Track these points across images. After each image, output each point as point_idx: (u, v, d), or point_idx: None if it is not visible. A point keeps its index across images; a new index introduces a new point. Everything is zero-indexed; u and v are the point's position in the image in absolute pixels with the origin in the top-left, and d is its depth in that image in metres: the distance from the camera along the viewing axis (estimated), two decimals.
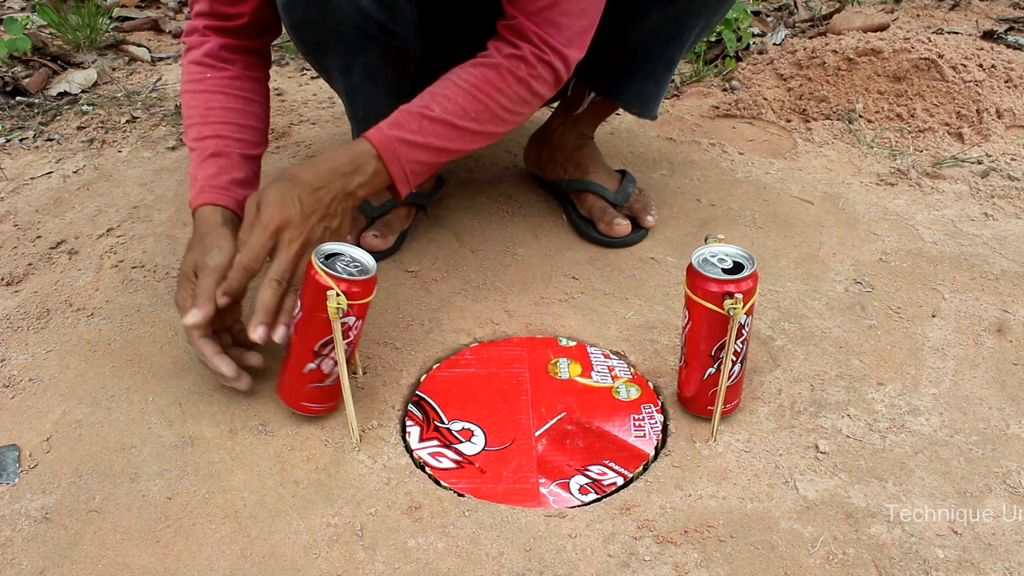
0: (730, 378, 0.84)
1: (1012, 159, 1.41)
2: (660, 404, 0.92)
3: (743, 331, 0.82)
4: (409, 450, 0.86)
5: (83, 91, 1.75)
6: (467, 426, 0.89)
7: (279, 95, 1.74)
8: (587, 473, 0.83)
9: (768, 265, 1.14)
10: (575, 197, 1.24)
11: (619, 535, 0.76)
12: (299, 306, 0.83)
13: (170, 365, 0.96)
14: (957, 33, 1.88)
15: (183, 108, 1.02)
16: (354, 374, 0.93)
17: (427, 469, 0.83)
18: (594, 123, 1.28)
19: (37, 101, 1.68)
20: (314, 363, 0.83)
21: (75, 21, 1.93)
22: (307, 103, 1.71)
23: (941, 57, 1.55)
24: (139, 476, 0.82)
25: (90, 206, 1.31)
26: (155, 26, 2.15)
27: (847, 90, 1.59)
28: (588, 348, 1.00)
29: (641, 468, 0.84)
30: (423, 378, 0.95)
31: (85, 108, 1.67)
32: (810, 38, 1.81)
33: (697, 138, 1.52)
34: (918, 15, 2.13)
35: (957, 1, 2.19)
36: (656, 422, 0.89)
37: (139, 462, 0.84)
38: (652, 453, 0.85)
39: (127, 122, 1.61)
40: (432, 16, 1.03)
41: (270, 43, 1.07)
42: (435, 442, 0.86)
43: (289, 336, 0.85)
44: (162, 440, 0.87)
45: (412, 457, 0.85)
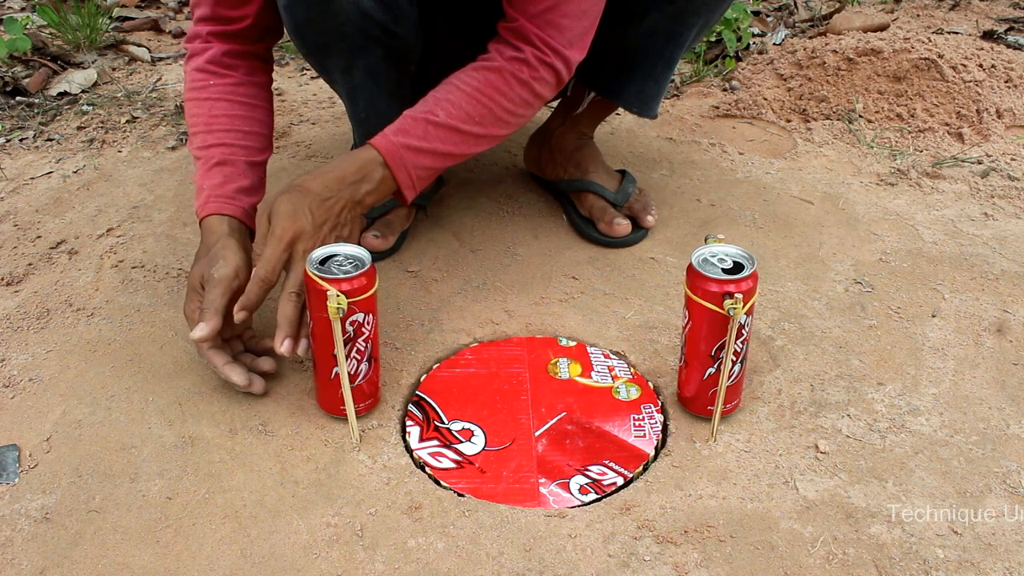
0: (730, 378, 0.84)
1: (1012, 159, 1.41)
2: (660, 404, 0.92)
3: (743, 331, 0.82)
4: (409, 450, 0.86)
5: (83, 91, 1.75)
6: (467, 426, 0.89)
7: (279, 95, 1.74)
8: (587, 473, 0.83)
9: (768, 265, 1.14)
10: (575, 197, 1.24)
11: (619, 535, 0.76)
12: (309, 316, 0.84)
13: (170, 365, 0.96)
14: (957, 33, 1.88)
15: (187, 116, 1.02)
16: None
17: (427, 469, 0.83)
18: (594, 123, 1.28)
19: (37, 101, 1.68)
20: (337, 367, 0.84)
21: (75, 21, 1.93)
22: (307, 103, 1.71)
23: (941, 57, 1.55)
24: (139, 476, 0.82)
25: (90, 206, 1.31)
26: (155, 26, 2.15)
27: (847, 90, 1.59)
28: (588, 348, 1.00)
29: (641, 468, 0.84)
30: (423, 378, 0.95)
31: (85, 108, 1.67)
32: (810, 38, 1.81)
33: (697, 138, 1.52)
34: (918, 15, 2.13)
35: (957, 1, 2.19)
36: (656, 422, 0.89)
37: (139, 462, 0.84)
38: (652, 453, 0.85)
39: (127, 122, 1.61)
40: (433, 17, 1.03)
41: (272, 46, 1.07)
42: (435, 442, 0.86)
43: (310, 347, 0.86)
44: (162, 440, 0.87)
45: (412, 457, 0.85)
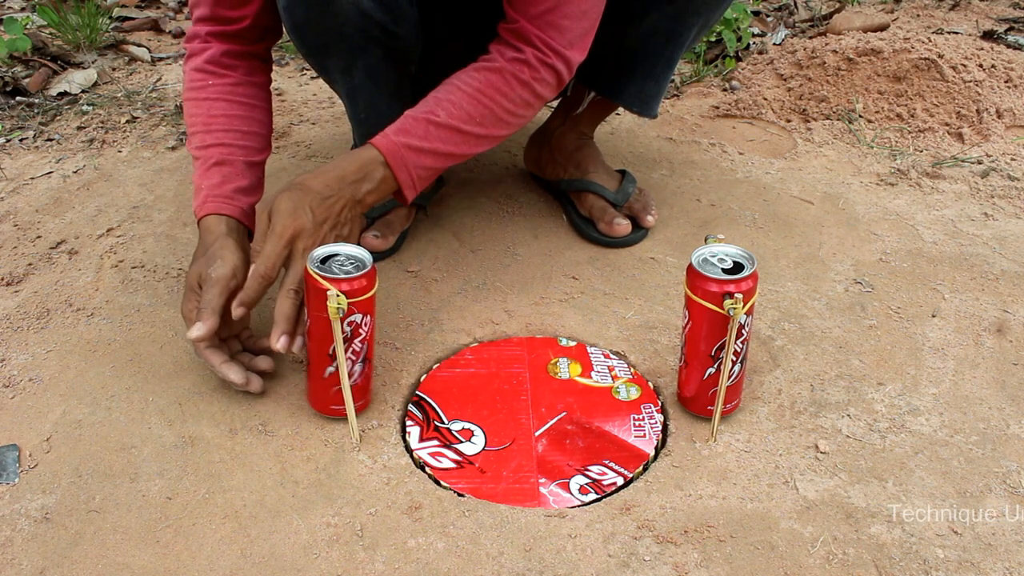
0: (730, 378, 0.84)
1: (1012, 159, 1.41)
2: (660, 404, 0.92)
3: (743, 331, 0.82)
4: (409, 450, 0.86)
5: (83, 91, 1.75)
6: (467, 426, 0.89)
7: (279, 95, 1.74)
8: (587, 473, 0.83)
9: (768, 265, 1.14)
10: (575, 197, 1.24)
11: (619, 535, 0.76)
12: (307, 314, 0.84)
13: (170, 365, 0.96)
14: (957, 33, 1.88)
15: (186, 116, 1.02)
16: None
17: (427, 469, 0.83)
18: (594, 123, 1.28)
19: (37, 101, 1.68)
20: (332, 367, 0.84)
21: (75, 21, 1.93)
22: (307, 103, 1.71)
23: (941, 57, 1.55)
24: (139, 476, 0.82)
25: (90, 206, 1.31)
26: (155, 26, 2.15)
27: (847, 90, 1.59)
28: (588, 348, 1.00)
29: (641, 468, 0.84)
30: (423, 378, 0.95)
31: (85, 108, 1.67)
32: (810, 38, 1.81)
33: (697, 138, 1.52)
34: (918, 15, 2.13)
35: (957, 1, 2.19)
36: (656, 422, 0.89)
37: (139, 462, 0.84)
38: (652, 453, 0.85)
39: (127, 122, 1.61)
40: (433, 17, 1.03)
41: (271, 47, 1.07)
42: (435, 442, 0.86)
43: (306, 345, 0.86)
44: (162, 440, 0.87)
45: (412, 457, 0.85)
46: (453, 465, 0.84)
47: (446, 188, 1.32)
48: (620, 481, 0.82)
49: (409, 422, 0.89)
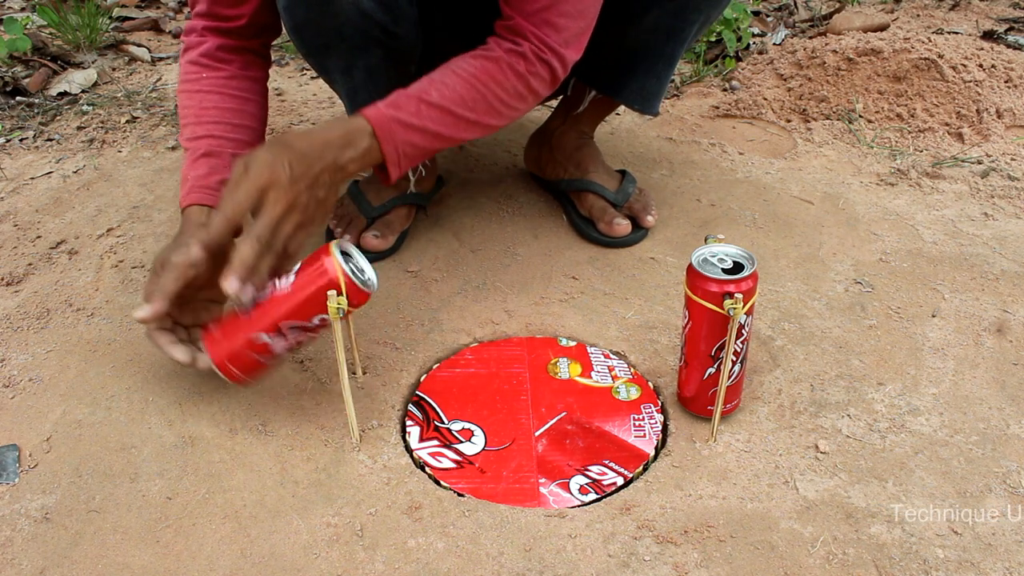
0: (730, 378, 0.84)
1: (1012, 159, 1.41)
2: (660, 404, 0.92)
3: (743, 331, 0.82)
4: (409, 450, 0.86)
5: (83, 91, 1.75)
6: (467, 426, 0.89)
7: (279, 95, 1.74)
8: (587, 473, 0.83)
9: (768, 265, 1.14)
10: (575, 197, 1.24)
11: (619, 535, 0.76)
12: (290, 280, 0.81)
13: (170, 365, 0.96)
14: (957, 33, 1.88)
15: (179, 108, 1.02)
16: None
17: (427, 469, 0.83)
18: (594, 122, 1.28)
19: (37, 101, 1.68)
20: (271, 338, 0.81)
21: (75, 21, 1.93)
22: (307, 103, 1.71)
23: (941, 57, 1.55)
24: (139, 476, 0.82)
25: (90, 206, 1.31)
26: (155, 26, 2.15)
27: (847, 90, 1.59)
28: (588, 348, 1.00)
29: (641, 468, 0.84)
30: (423, 378, 0.95)
31: (85, 108, 1.67)
32: (810, 38, 1.81)
33: (697, 138, 1.52)
34: (918, 15, 2.13)
35: (957, 1, 2.19)
36: (656, 422, 0.89)
37: (139, 462, 0.84)
38: (652, 453, 0.85)
39: (127, 122, 1.61)
40: (433, 17, 1.03)
41: (269, 43, 1.07)
42: (435, 442, 0.86)
43: (254, 301, 0.82)
44: (162, 440, 0.87)
45: (412, 457, 0.85)
46: (453, 465, 0.84)
47: (446, 188, 1.32)
48: (620, 481, 0.82)
49: (409, 422, 0.89)
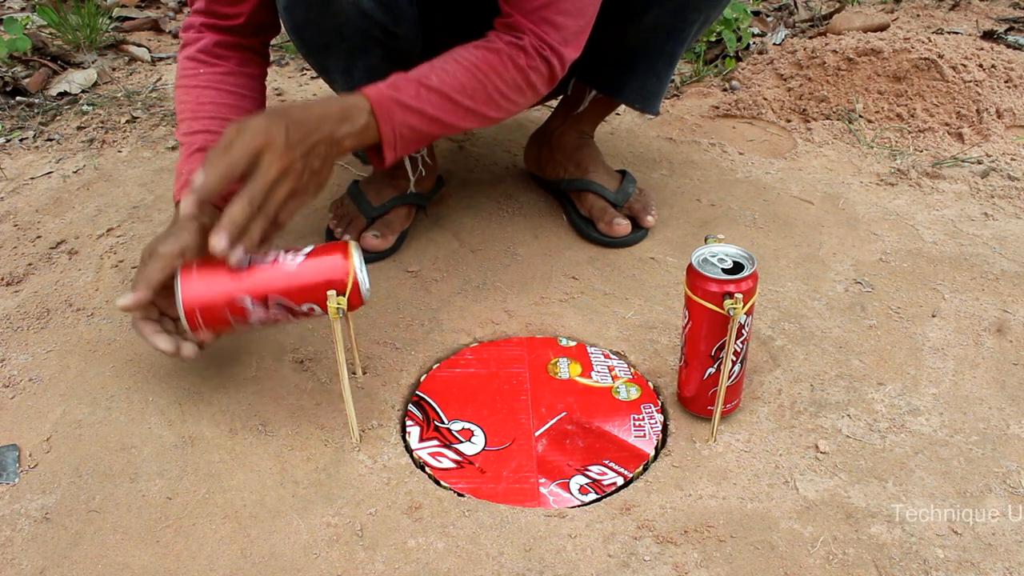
0: (730, 378, 0.84)
1: (1012, 159, 1.41)
2: (660, 404, 0.92)
3: (743, 331, 0.82)
4: (409, 450, 0.86)
5: (83, 91, 1.75)
6: (467, 426, 0.89)
7: (279, 95, 1.74)
8: (587, 473, 0.83)
9: (768, 265, 1.14)
10: (575, 197, 1.24)
11: (619, 535, 0.76)
12: (297, 260, 0.80)
13: (170, 365, 0.96)
14: (957, 33, 1.88)
15: (176, 103, 1.01)
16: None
17: (427, 469, 0.83)
18: (594, 122, 1.28)
19: (37, 101, 1.68)
20: (253, 305, 0.80)
21: (75, 21, 1.93)
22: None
23: (941, 57, 1.55)
24: (139, 476, 0.82)
25: (90, 206, 1.31)
26: (155, 26, 2.15)
27: (847, 90, 1.59)
28: (588, 348, 1.00)
29: (641, 468, 0.84)
30: (423, 378, 0.95)
31: (85, 108, 1.67)
32: (810, 38, 1.81)
33: (697, 138, 1.52)
34: (918, 15, 2.13)
35: (957, 1, 2.19)
36: (656, 422, 0.89)
37: (139, 462, 0.84)
38: (652, 453, 0.85)
39: (127, 122, 1.61)
40: (433, 17, 1.03)
41: (267, 41, 1.07)
42: (435, 442, 0.86)
43: (245, 263, 0.80)
44: (162, 440, 0.87)
45: (412, 457, 0.85)
46: (453, 465, 0.84)
47: (446, 188, 1.32)
48: (620, 481, 0.82)
49: (409, 422, 0.89)
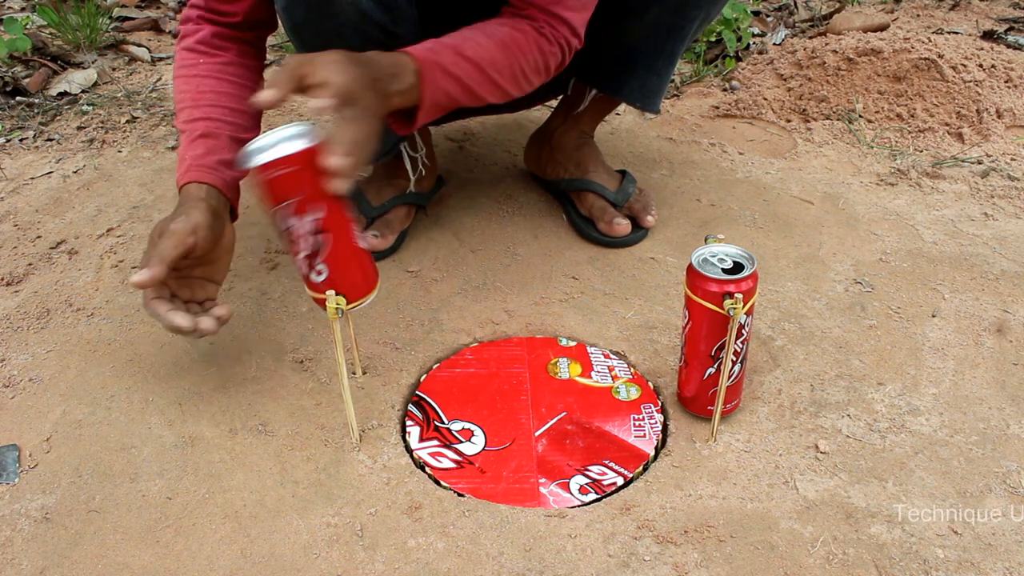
0: (730, 378, 0.84)
1: (1012, 159, 1.41)
2: (660, 404, 0.92)
3: (743, 331, 0.82)
4: (409, 450, 0.86)
5: (83, 91, 1.75)
6: (467, 426, 0.89)
7: None
8: (587, 473, 0.83)
9: (768, 265, 1.14)
10: (575, 196, 1.24)
11: (619, 535, 0.76)
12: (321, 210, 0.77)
13: (170, 365, 0.96)
14: (957, 33, 1.88)
15: (175, 93, 1.01)
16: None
17: (427, 469, 0.83)
18: (594, 122, 1.28)
19: (37, 101, 1.68)
20: (292, 223, 0.77)
21: (75, 21, 1.93)
22: (307, 102, 1.70)
23: (941, 57, 1.55)
24: (139, 476, 0.82)
25: (90, 206, 1.31)
26: (155, 26, 2.15)
27: (847, 90, 1.59)
28: (588, 348, 1.00)
29: (641, 468, 0.84)
30: (423, 378, 0.95)
31: (85, 108, 1.67)
32: (810, 38, 1.81)
33: (697, 138, 1.52)
34: (918, 15, 2.13)
35: (957, 1, 2.19)
36: (656, 422, 0.89)
37: (139, 462, 0.84)
38: (652, 453, 0.85)
39: (127, 122, 1.61)
40: (433, 17, 1.03)
41: (264, 36, 1.07)
42: (435, 442, 0.86)
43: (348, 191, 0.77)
44: (162, 440, 0.87)
45: (412, 457, 0.85)
46: (453, 465, 0.84)
47: (446, 188, 1.32)
48: (620, 481, 0.82)
49: (409, 422, 0.89)
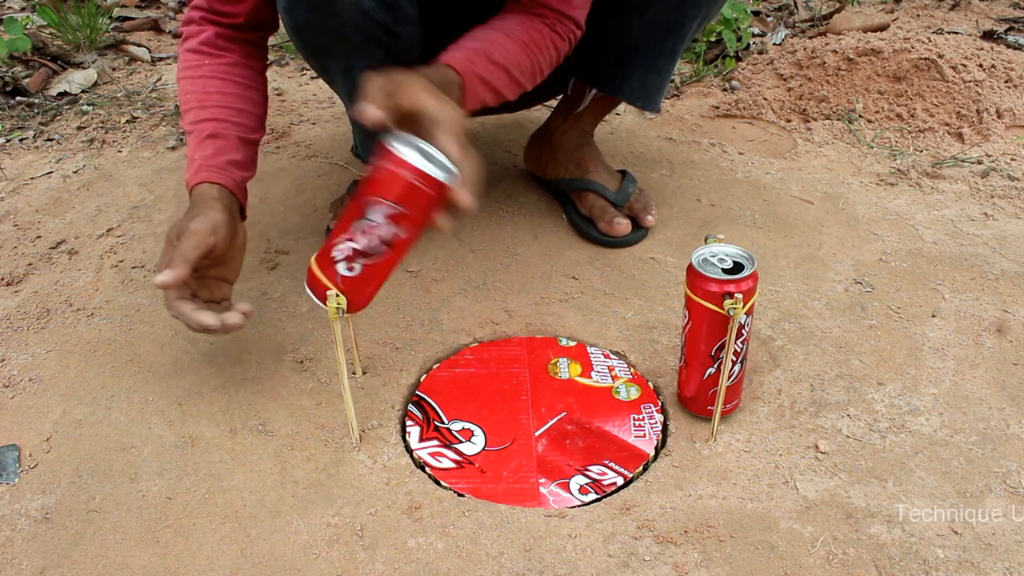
0: (730, 378, 0.84)
1: (1012, 159, 1.41)
2: (660, 404, 0.92)
3: (743, 331, 0.82)
4: (409, 450, 0.86)
5: (83, 91, 1.75)
6: (467, 426, 0.89)
7: (279, 95, 1.74)
8: (587, 473, 0.83)
9: (768, 265, 1.14)
10: (575, 196, 1.24)
11: (619, 535, 0.76)
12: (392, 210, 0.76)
13: (170, 365, 0.97)
14: (957, 33, 1.88)
15: (180, 94, 1.01)
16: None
17: (427, 469, 0.83)
18: (595, 121, 1.28)
19: (37, 101, 1.68)
20: (377, 220, 0.75)
21: (75, 21, 1.93)
22: (307, 103, 1.71)
23: (941, 57, 1.55)
24: (139, 476, 0.82)
25: (90, 206, 1.31)
26: (155, 26, 2.15)
27: (847, 90, 1.59)
28: (588, 348, 1.00)
29: (641, 468, 0.84)
30: (423, 378, 0.95)
31: (85, 108, 1.67)
32: (810, 38, 1.81)
33: (697, 138, 1.52)
34: (918, 15, 2.13)
35: (957, 1, 2.19)
36: (656, 422, 0.89)
37: (139, 462, 0.84)
38: (652, 453, 0.85)
39: (127, 122, 1.61)
40: (434, 17, 1.04)
41: (267, 37, 1.07)
42: (435, 442, 0.86)
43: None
44: (162, 440, 0.87)
45: (412, 457, 0.85)
46: (453, 465, 0.84)
47: None
48: (620, 481, 0.82)
49: (409, 422, 0.89)
